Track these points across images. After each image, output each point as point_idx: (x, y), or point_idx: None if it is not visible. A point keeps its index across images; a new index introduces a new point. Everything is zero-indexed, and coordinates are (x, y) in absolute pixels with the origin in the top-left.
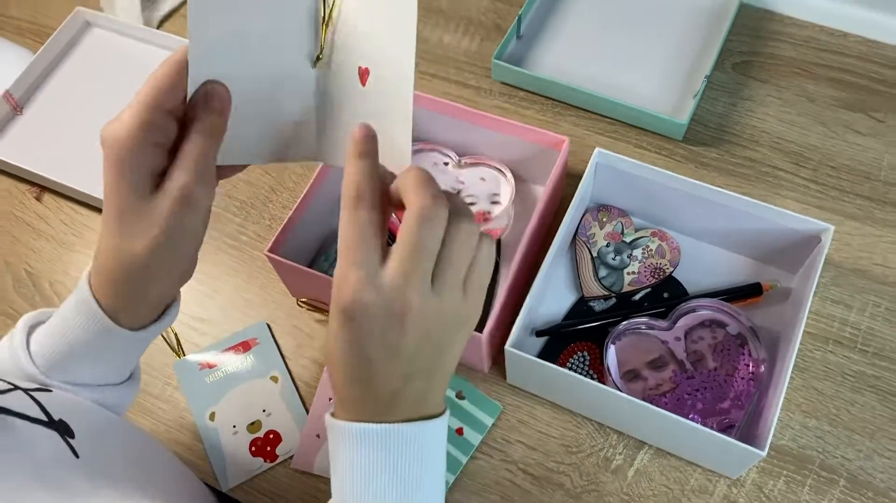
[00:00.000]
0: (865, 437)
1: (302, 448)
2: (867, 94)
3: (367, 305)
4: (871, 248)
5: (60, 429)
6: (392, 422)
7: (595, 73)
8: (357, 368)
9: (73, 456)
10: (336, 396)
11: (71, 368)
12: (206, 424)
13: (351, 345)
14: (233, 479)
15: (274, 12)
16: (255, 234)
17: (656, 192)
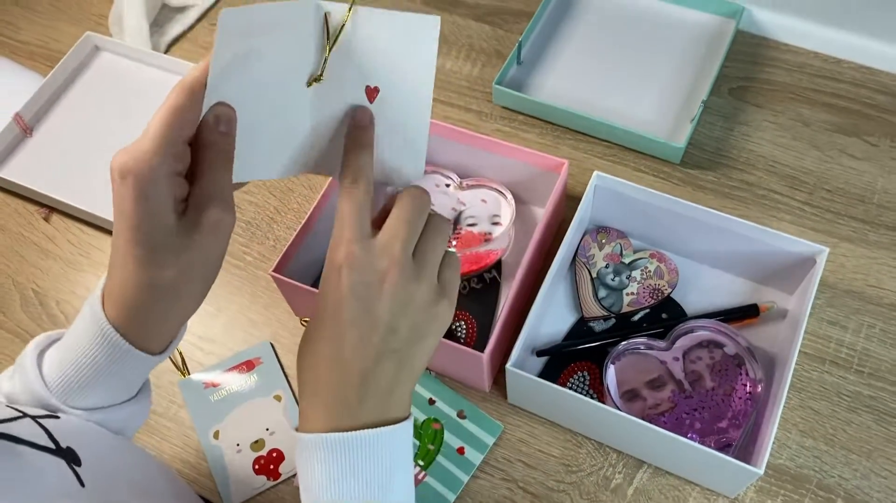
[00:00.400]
0: (862, 457)
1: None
2: (861, 118)
3: (354, 256)
4: (865, 270)
5: (68, 457)
6: (359, 425)
7: (594, 97)
8: (334, 330)
9: (79, 485)
10: (301, 402)
11: (88, 394)
12: (210, 443)
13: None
14: (236, 497)
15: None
16: (259, 254)
17: (654, 215)
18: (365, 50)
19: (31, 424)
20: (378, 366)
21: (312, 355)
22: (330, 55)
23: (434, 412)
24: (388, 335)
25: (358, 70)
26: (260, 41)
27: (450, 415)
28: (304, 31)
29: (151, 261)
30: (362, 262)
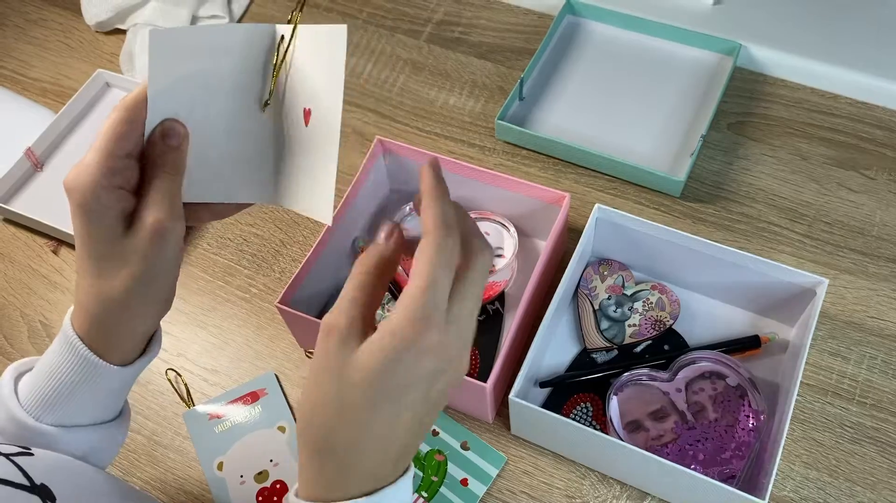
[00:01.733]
0: (867, 489)
1: None
2: (858, 152)
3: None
4: (865, 302)
5: (42, 493)
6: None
7: (595, 132)
8: (389, 408)
9: None
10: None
11: (62, 409)
12: (214, 474)
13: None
14: None
15: (231, 56)
16: (264, 286)
17: (656, 247)
18: (296, 70)
19: (5, 462)
20: (417, 439)
21: (348, 425)
22: (276, 78)
23: (438, 443)
24: (434, 411)
25: (293, 91)
26: (203, 62)
27: (453, 447)
28: (250, 53)
29: (100, 272)
30: (446, 351)
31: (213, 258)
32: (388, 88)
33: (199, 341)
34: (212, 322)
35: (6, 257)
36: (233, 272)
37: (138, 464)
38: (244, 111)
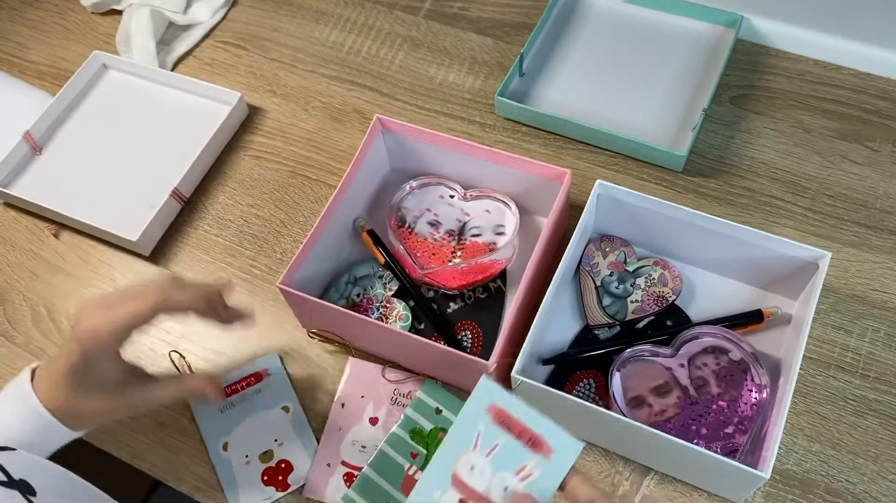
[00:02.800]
0: (869, 461)
1: (313, 477)
2: (861, 124)
3: None
4: (868, 275)
5: (21, 488)
6: None
7: (596, 107)
8: None
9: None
10: None
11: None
12: (219, 454)
13: None
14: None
15: None
16: (266, 267)
17: (657, 222)
18: None
19: None
20: None
21: None
22: None
23: (441, 421)
24: None
25: None
26: None
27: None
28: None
29: (78, 393)
30: None
31: (213, 239)
32: (386, 66)
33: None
34: None
35: (7, 241)
36: (234, 253)
37: (146, 446)
38: None
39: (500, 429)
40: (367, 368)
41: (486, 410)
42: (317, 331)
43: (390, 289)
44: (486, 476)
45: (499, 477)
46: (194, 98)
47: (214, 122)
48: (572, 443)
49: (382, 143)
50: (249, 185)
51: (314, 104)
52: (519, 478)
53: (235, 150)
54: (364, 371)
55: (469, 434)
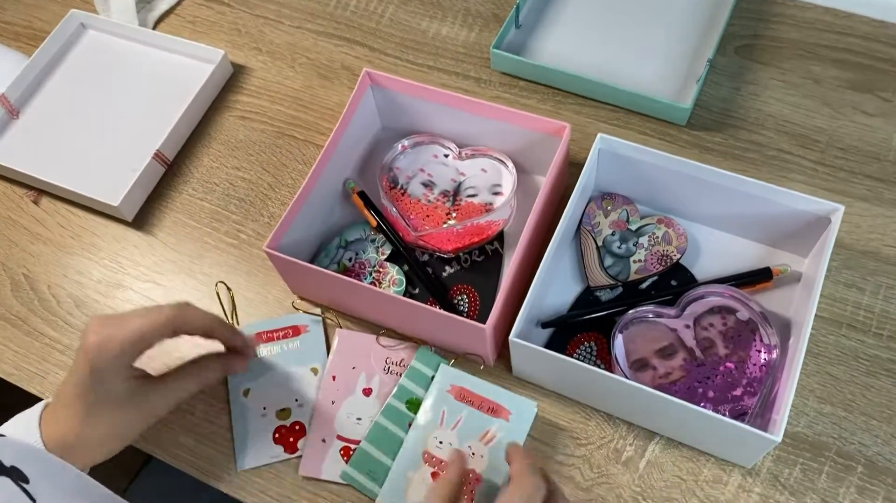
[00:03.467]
0: (883, 422)
1: (308, 453)
2: (873, 73)
3: None
4: (881, 230)
5: (13, 475)
6: None
7: (596, 60)
8: None
9: (29, 500)
10: None
11: None
12: (239, 399)
13: None
14: (250, 461)
15: None
16: (254, 231)
17: (661, 178)
18: None
19: None
20: None
21: None
22: None
23: None
24: None
25: None
26: None
27: None
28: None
29: (86, 416)
30: None
31: (199, 204)
32: (376, 20)
33: (187, 290)
34: (200, 270)
35: None
36: (220, 218)
37: None
38: None
39: (461, 405)
40: (357, 338)
41: (448, 391)
42: (302, 299)
43: (383, 253)
44: (454, 447)
45: (465, 445)
46: (176, 57)
47: (197, 82)
48: (528, 404)
49: (372, 100)
50: (235, 146)
51: (301, 61)
52: (483, 442)
53: (220, 111)
54: (353, 341)
55: (435, 415)
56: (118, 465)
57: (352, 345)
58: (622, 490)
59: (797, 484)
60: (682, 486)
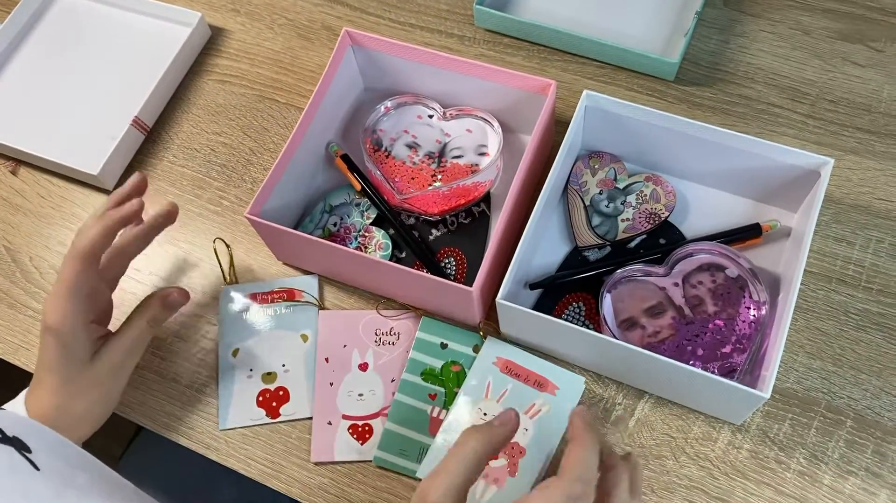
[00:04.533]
0: (872, 376)
1: (317, 438)
2: (864, 23)
3: None
4: (872, 183)
5: (16, 444)
6: None
7: (582, 15)
8: None
9: (33, 469)
10: None
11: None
12: (227, 358)
13: None
14: (232, 421)
15: None
16: (236, 198)
17: (649, 135)
18: None
19: None
20: None
21: None
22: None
23: (449, 355)
24: None
25: None
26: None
27: (466, 354)
28: None
29: (63, 390)
30: None
31: (180, 170)
32: None
33: (169, 258)
34: (184, 238)
35: None
36: (202, 185)
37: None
38: None
39: (508, 377)
40: (341, 317)
41: (493, 363)
42: (287, 265)
43: (368, 218)
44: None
45: None
46: (152, 20)
47: (174, 46)
48: (576, 380)
49: (354, 61)
50: (215, 111)
51: (280, 22)
52: (529, 415)
53: (198, 75)
54: (338, 320)
55: (480, 387)
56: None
57: (337, 324)
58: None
59: (787, 439)
60: (672, 444)
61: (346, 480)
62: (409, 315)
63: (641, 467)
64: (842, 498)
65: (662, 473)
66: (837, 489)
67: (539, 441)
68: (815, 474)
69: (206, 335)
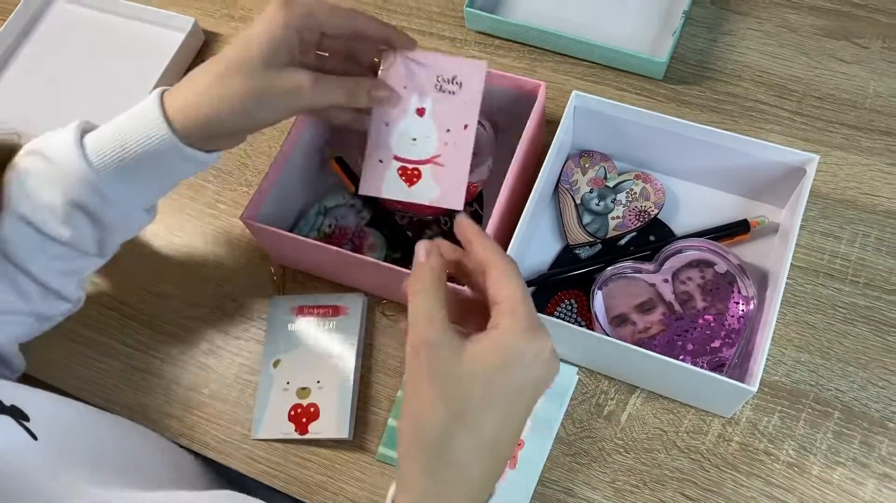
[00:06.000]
0: (859, 368)
1: (367, 174)
2: (850, 20)
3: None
4: (858, 178)
5: (14, 413)
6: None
7: (571, 16)
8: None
9: (30, 438)
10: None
11: (124, 174)
12: (269, 369)
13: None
14: (264, 432)
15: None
16: (232, 201)
17: (638, 134)
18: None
19: None
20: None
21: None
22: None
23: None
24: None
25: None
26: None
27: None
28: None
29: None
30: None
31: None
32: None
33: (168, 262)
34: (181, 242)
35: None
36: (197, 188)
37: (117, 390)
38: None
39: None
40: (404, 64)
41: None
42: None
43: (363, 219)
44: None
45: None
46: (146, 26)
47: (169, 51)
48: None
49: None
50: None
51: None
52: None
53: None
54: (402, 62)
55: None
56: None
57: (399, 68)
58: (605, 443)
59: (776, 431)
60: (664, 438)
61: (343, 478)
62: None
63: None
64: (830, 488)
65: (654, 466)
66: (826, 479)
67: (537, 431)
68: (804, 465)
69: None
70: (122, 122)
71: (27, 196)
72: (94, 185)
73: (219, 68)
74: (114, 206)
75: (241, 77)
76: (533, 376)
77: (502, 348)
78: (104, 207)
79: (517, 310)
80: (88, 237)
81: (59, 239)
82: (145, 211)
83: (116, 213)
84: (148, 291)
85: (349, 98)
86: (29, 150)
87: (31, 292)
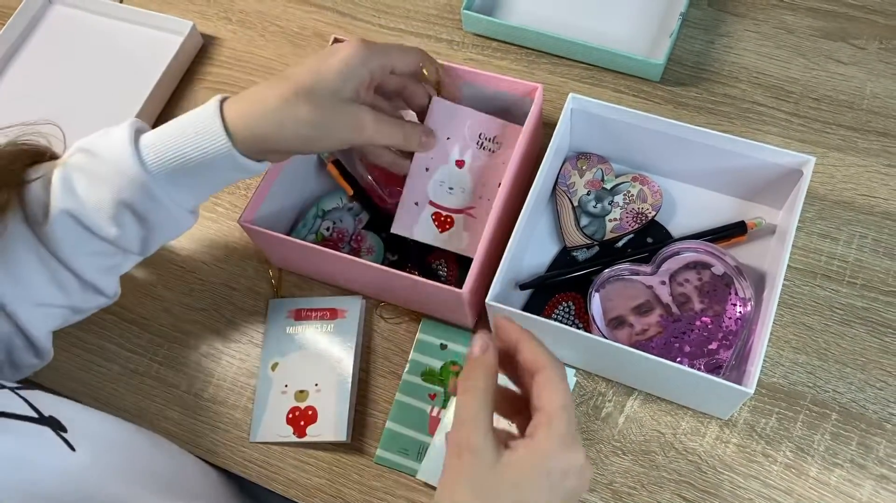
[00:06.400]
0: (856, 370)
1: (400, 214)
2: (847, 21)
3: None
4: (855, 179)
5: (52, 424)
6: None
7: (568, 18)
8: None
9: (69, 449)
10: None
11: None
12: (266, 372)
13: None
14: (262, 435)
15: None
16: (230, 204)
17: (635, 136)
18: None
19: (10, 395)
20: None
21: None
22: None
23: (448, 355)
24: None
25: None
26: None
27: (465, 354)
28: None
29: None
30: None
31: None
32: None
33: (168, 266)
34: (179, 245)
35: None
36: None
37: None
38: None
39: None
40: (453, 111)
41: None
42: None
43: (361, 222)
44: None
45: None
46: (145, 30)
47: (167, 55)
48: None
49: None
50: None
51: (271, 29)
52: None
53: (191, 83)
54: (449, 113)
55: None
56: None
57: (447, 116)
58: (602, 445)
59: (773, 433)
60: (661, 440)
61: (341, 480)
62: (410, 319)
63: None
64: (828, 489)
65: (652, 468)
66: (823, 481)
67: None
68: (802, 467)
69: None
70: (181, 127)
71: (76, 193)
72: (146, 187)
73: (285, 91)
74: (162, 208)
75: (308, 105)
76: (566, 487)
77: (536, 460)
78: (153, 208)
79: (554, 421)
80: (133, 236)
81: (105, 237)
82: (191, 212)
83: (164, 213)
84: (146, 294)
85: (404, 141)
86: (79, 147)
87: (72, 286)
